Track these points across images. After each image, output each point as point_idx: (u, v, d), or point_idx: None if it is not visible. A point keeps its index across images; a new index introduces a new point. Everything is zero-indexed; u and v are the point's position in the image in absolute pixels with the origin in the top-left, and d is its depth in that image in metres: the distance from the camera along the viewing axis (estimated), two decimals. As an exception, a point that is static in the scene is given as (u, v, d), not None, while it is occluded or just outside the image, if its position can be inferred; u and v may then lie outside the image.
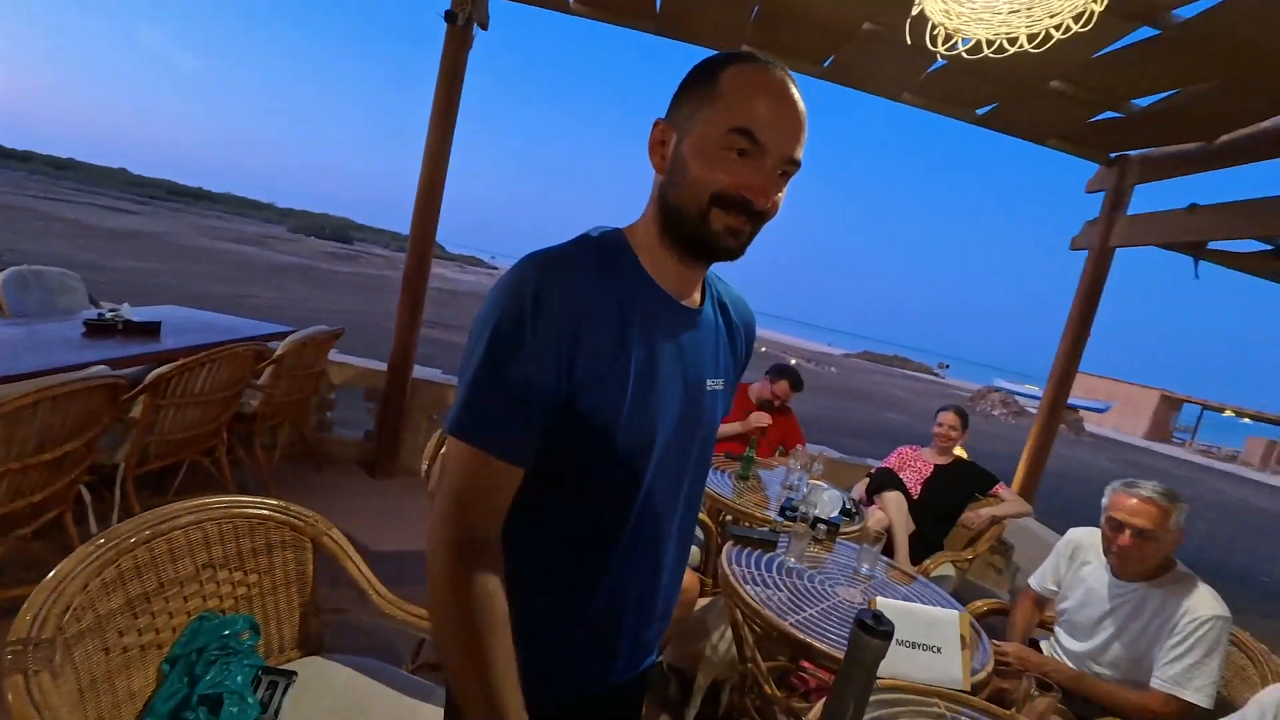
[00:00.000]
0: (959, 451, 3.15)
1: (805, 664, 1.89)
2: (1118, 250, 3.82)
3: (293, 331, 3.48)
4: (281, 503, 1.32)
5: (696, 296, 0.83)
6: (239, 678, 1.12)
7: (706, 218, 0.71)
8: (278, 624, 1.31)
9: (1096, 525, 1.80)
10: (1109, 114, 3.16)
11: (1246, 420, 31.23)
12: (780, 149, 0.69)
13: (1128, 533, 1.60)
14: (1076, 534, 1.90)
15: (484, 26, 3.41)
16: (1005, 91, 3.16)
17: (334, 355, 3.64)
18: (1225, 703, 1.58)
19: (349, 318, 10.85)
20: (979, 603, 2.11)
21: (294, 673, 1.23)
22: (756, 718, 1.80)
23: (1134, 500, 1.61)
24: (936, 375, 37.41)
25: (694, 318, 0.81)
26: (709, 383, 0.83)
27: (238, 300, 11.11)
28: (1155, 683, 1.54)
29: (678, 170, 0.72)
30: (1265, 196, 3.05)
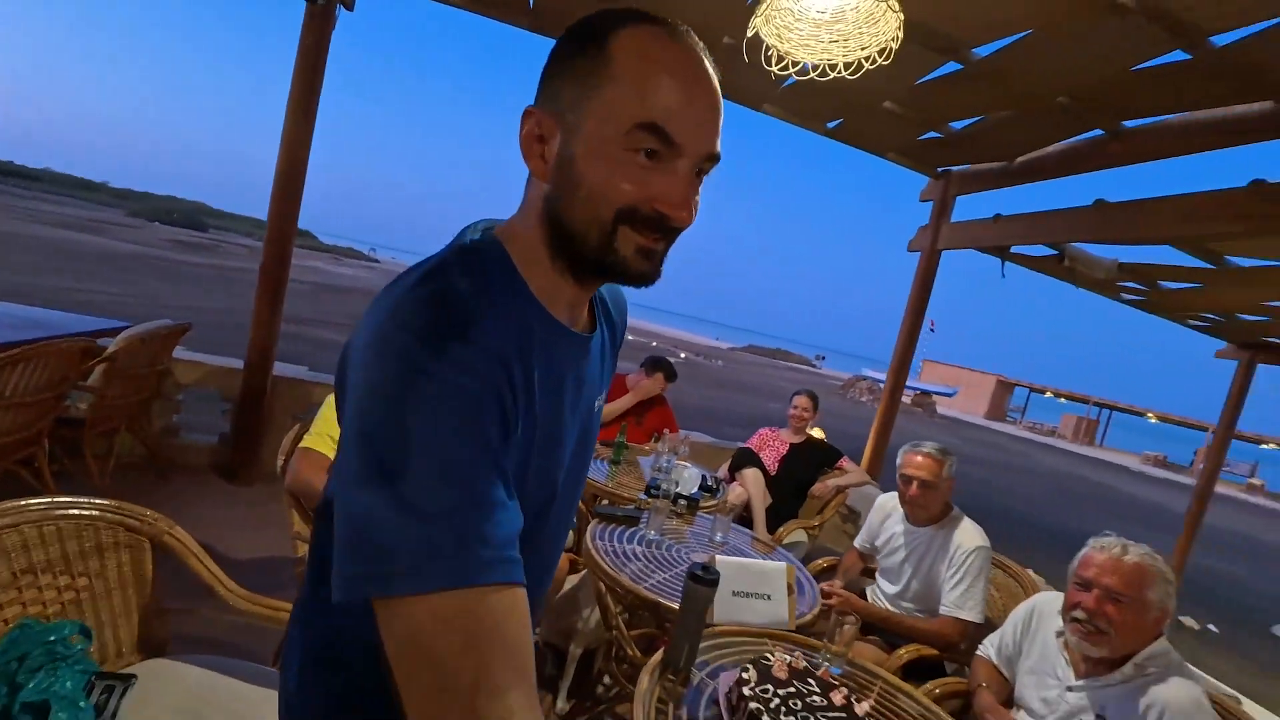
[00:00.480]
0: (816, 432, 3.51)
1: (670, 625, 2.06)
2: (964, 251, 4.39)
3: (126, 327, 3.17)
4: (114, 502, 1.26)
5: (586, 316, 0.69)
6: (68, 683, 1.06)
7: (612, 240, 0.55)
8: (113, 628, 1.25)
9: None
10: (932, 133, 3.63)
11: (1063, 400, 36.47)
12: (698, 146, 0.54)
13: (914, 484, 1.93)
14: (884, 498, 2.24)
15: (349, 6, 3.28)
16: (849, 108, 3.53)
17: (182, 353, 3.36)
18: (1001, 619, 1.94)
19: (213, 318, 9.79)
20: (821, 560, 2.39)
21: (133, 676, 1.18)
22: (624, 681, 1.94)
23: (918, 457, 1.95)
24: (814, 366, 40.27)
25: (587, 345, 0.66)
26: (597, 402, 0.72)
27: (69, 296, 9.53)
28: (942, 609, 1.86)
29: (567, 180, 0.55)
30: (1049, 210, 3.67)
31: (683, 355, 26.10)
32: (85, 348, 2.40)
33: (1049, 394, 36.23)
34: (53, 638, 1.10)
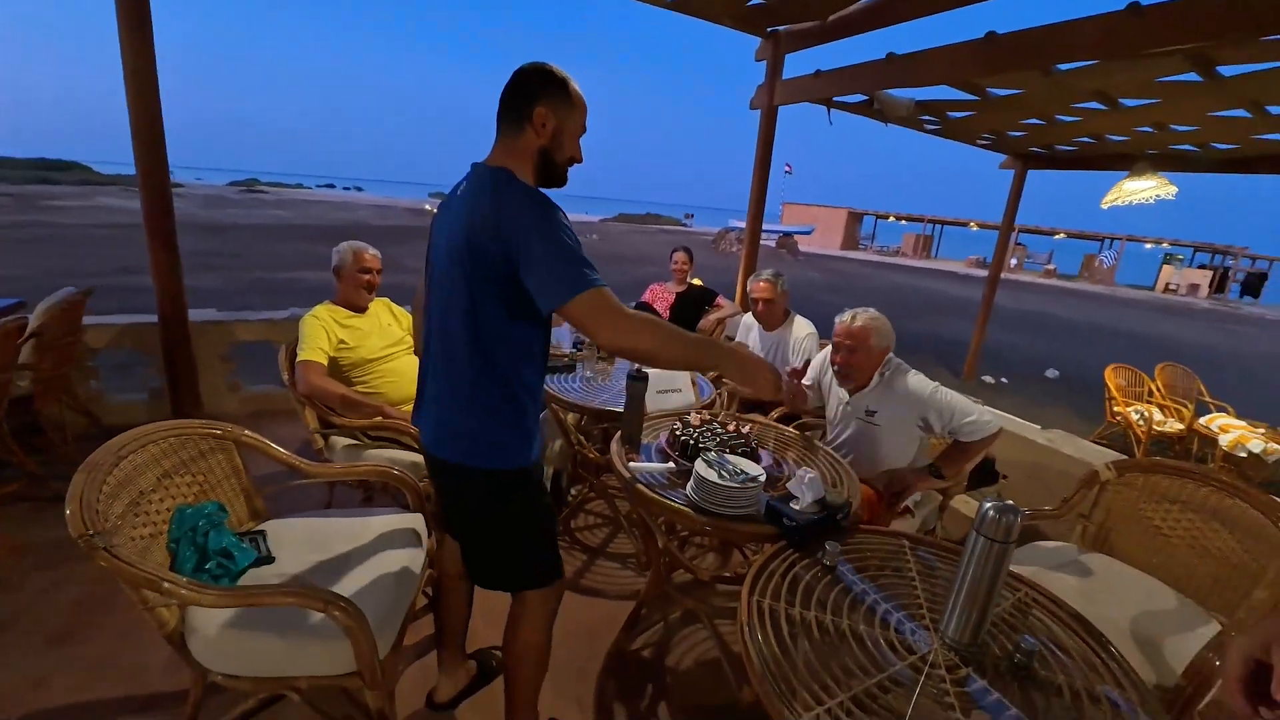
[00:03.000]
0: (696, 281, 4.23)
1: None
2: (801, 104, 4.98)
3: (21, 302, 3.16)
4: (199, 420, 1.67)
5: None
6: (232, 537, 1.56)
7: (565, 171, 1.34)
8: (232, 506, 1.72)
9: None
10: (757, -1, 4.07)
11: (903, 222, 40.61)
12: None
13: (760, 304, 2.77)
14: (746, 318, 3.14)
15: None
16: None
17: (89, 320, 3.36)
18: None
19: (47, 281, 8.62)
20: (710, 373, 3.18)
21: (262, 530, 1.69)
22: (589, 477, 2.68)
23: (760, 283, 2.75)
24: (685, 226, 41.42)
25: None
26: None
27: None
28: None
29: (558, 144, 1.29)
30: (856, 63, 4.32)
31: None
32: (18, 325, 2.49)
33: (891, 218, 40.10)
34: (207, 512, 1.56)
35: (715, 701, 1.91)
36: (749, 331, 3.16)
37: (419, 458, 2.28)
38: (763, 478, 1.56)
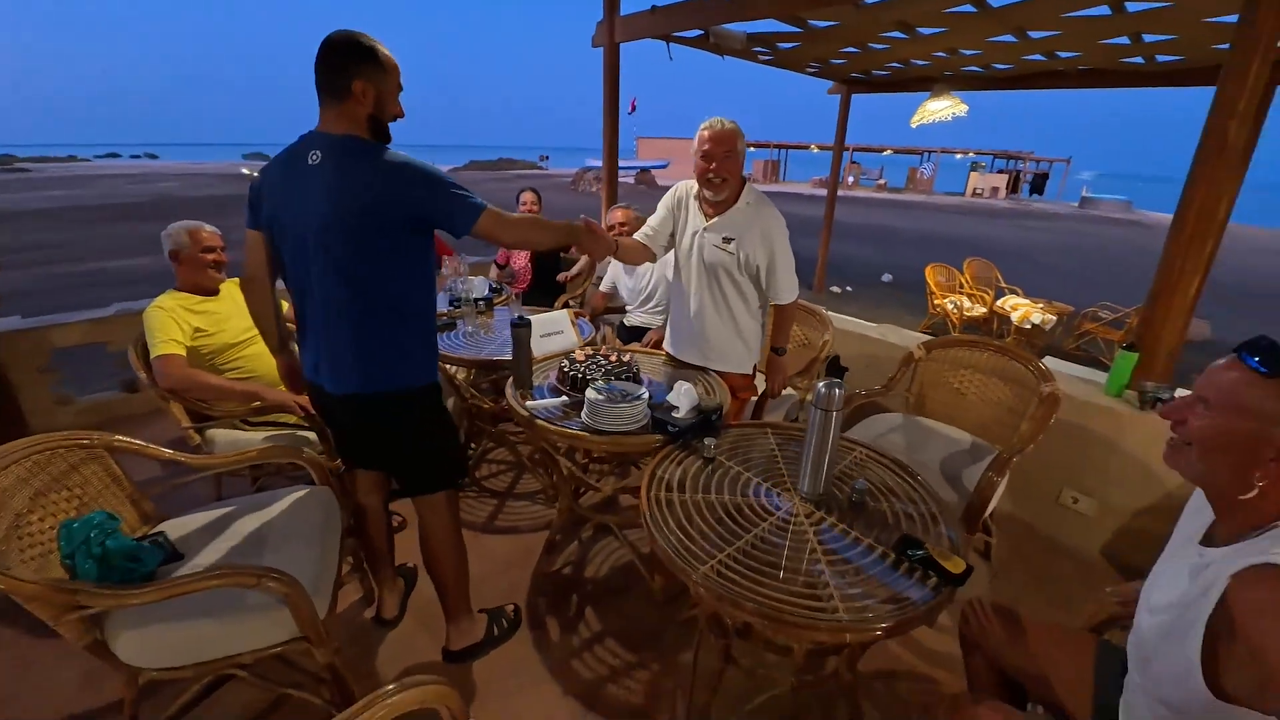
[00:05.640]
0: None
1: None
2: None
3: None
4: (63, 433, 1.57)
5: None
6: (130, 542, 1.52)
7: (389, 127, 1.48)
8: (120, 514, 1.65)
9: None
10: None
11: (752, 149, 42.32)
12: None
13: (618, 228, 2.95)
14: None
15: None
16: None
17: None
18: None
19: None
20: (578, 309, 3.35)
21: (161, 531, 1.65)
22: (482, 424, 2.79)
23: (617, 212, 2.96)
24: (541, 168, 40.17)
25: None
26: None
27: None
28: None
29: (381, 108, 1.43)
30: (688, 0, 4.46)
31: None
32: None
33: (741, 146, 41.61)
34: (96, 522, 1.51)
35: (633, 596, 2.19)
36: (617, 264, 3.28)
37: (311, 434, 2.27)
38: (646, 395, 1.78)
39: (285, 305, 1.80)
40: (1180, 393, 2.43)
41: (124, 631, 1.35)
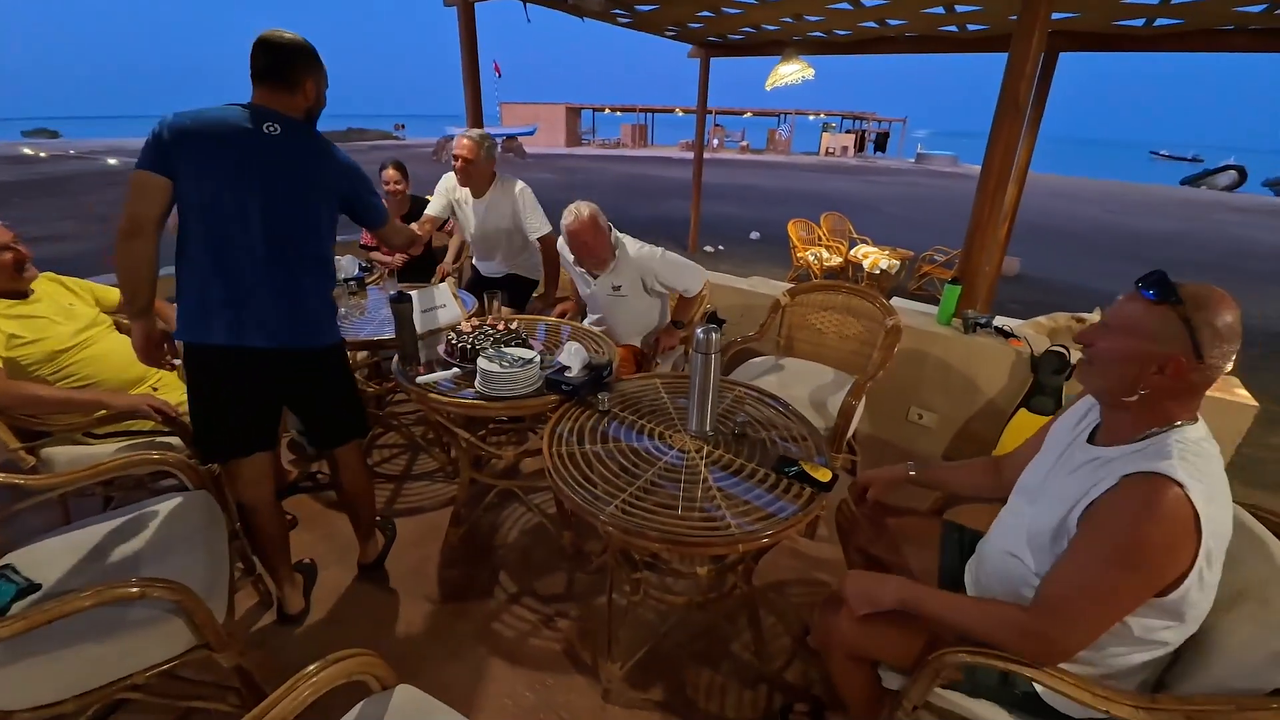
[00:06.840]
0: (411, 193, 4.05)
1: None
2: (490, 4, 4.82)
3: None
4: None
5: None
6: (-32, 574, 1.35)
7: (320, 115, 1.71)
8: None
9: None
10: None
11: (619, 113, 42.13)
12: None
13: (459, 163, 2.83)
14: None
15: None
16: None
17: None
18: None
19: None
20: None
21: (8, 564, 1.47)
22: (367, 408, 2.70)
23: (463, 140, 2.81)
24: (398, 138, 37.41)
25: None
26: None
27: None
28: (531, 235, 3.00)
29: (318, 100, 1.66)
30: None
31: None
32: None
33: (608, 110, 41.30)
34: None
35: (544, 554, 2.27)
36: (463, 206, 3.06)
37: (173, 439, 2.08)
38: (537, 358, 1.83)
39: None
40: (998, 320, 2.88)
41: (-19, 671, 1.22)
